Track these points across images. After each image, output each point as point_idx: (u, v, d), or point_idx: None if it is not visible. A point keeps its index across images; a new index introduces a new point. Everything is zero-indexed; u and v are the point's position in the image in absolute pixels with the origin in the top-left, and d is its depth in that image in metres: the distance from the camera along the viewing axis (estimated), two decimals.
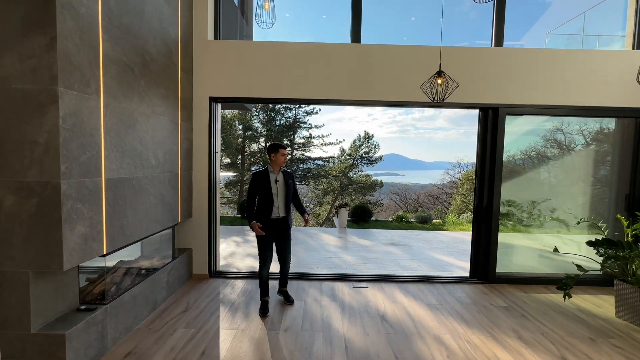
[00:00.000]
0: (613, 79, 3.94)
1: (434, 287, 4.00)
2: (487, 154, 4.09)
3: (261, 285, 3.29)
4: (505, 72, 3.96)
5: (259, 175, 3.21)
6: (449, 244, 6.57)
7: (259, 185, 3.19)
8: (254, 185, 3.22)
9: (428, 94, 3.29)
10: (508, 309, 3.42)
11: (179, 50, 3.58)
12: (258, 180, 3.19)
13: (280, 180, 3.24)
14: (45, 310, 2.16)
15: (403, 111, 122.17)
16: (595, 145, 4.42)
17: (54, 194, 2.00)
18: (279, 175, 3.24)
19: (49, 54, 1.95)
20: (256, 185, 3.20)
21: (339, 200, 21.03)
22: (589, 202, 4.40)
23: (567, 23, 5.83)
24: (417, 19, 49.08)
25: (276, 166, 3.25)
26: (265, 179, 3.19)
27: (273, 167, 3.25)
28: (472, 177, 18.89)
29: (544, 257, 4.50)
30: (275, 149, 3.23)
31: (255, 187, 3.21)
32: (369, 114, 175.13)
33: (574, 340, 2.81)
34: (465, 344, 2.71)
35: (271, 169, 3.24)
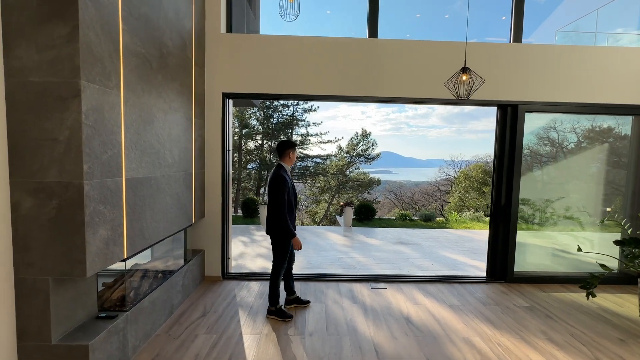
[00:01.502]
0: (631, 76, 3.92)
1: (452, 287, 3.94)
2: (505, 151, 4.04)
3: (277, 293, 3.05)
4: (524, 69, 3.90)
5: (287, 175, 2.97)
6: (457, 243, 6.54)
7: (289, 189, 2.94)
8: (285, 188, 2.86)
9: (452, 90, 3.20)
10: (532, 309, 3.37)
11: (193, 44, 3.43)
12: (287, 181, 2.93)
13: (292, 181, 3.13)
14: (65, 319, 2.03)
15: (396, 109, 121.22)
16: (609, 144, 4.40)
17: (76, 195, 1.86)
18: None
19: (70, 44, 1.81)
20: (287, 187, 2.90)
21: (337, 198, 20.99)
22: (602, 201, 4.39)
23: (577, 20, 5.81)
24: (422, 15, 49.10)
25: (289, 164, 3.08)
26: (289, 179, 3.03)
27: (289, 166, 3.07)
28: (469, 175, 19.03)
29: (557, 255, 4.48)
30: (289, 146, 3.04)
31: (286, 190, 2.88)
32: (363, 111, 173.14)
33: (604, 341, 2.77)
34: (497, 347, 2.65)
35: (287, 168, 3.07)
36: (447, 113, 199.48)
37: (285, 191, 2.88)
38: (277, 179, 2.90)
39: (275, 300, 3.06)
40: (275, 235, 3.00)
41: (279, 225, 2.91)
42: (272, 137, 20.27)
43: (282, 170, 2.98)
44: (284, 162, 3.03)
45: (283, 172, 2.95)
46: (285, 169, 3.02)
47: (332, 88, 3.86)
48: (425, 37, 36.61)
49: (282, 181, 2.87)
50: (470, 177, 18.45)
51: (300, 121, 20.37)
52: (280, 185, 2.87)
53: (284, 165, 3.03)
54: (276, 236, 3.00)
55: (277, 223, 2.93)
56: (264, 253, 5.36)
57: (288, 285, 3.31)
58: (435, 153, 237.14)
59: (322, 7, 37.35)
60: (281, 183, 2.87)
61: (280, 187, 2.86)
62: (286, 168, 3.04)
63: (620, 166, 4.36)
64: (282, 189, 2.86)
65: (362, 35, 4.04)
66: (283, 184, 2.87)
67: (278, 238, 3.00)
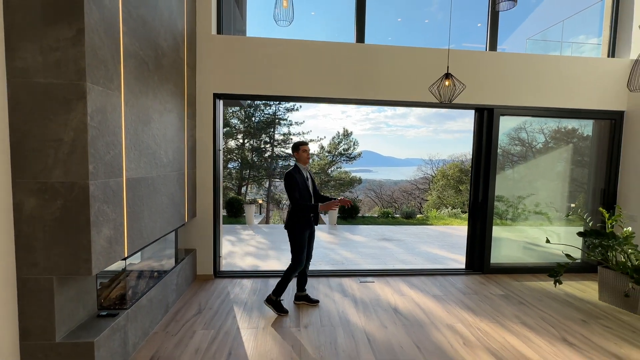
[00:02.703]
0: (591, 83, 4.32)
1: (435, 279, 4.20)
2: (482, 152, 4.34)
3: (285, 286, 3.16)
4: (499, 75, 4.20)
5: (296, 174, 3.11)
6: (437, 238, 6.87)
7: (299, 184, 3.08)
8: (295, 185, 3.04)
9: (436, 95, 3.43)
10: (507, 297, 3.67)
11: (185, 45, 3.46)
12: (296, 179, 3.08)
13: (310, 178, 3.25)
14: (68, 318, 2.05)
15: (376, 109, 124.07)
16: (573, 144, 4.82)
17: (81, 195, 1.90)
18: (307, 173, 3.24)
19: (75, 47, 1.84)
20: (297, 184, 3.06)
21: None
22: (568, 197, 4.80)
23: (544, 30, 6.28)
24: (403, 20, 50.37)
25: (303, 164, 3.21)
26: (301, 177, 3.14)
27: (303, 164, 3.21)
28: (447, 173, 19.76)
29: (528, 248, 4.85)
30: (297, 148, 3.20)
31: (297, 186, 3.06)
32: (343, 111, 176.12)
33: (570, 323, 3.09)
34: (477, 331, 2.90)
35: (302, 166, 3.21)
36: (424, 113, 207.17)
37: (295, 187, 3.05)
38: (286, 178, 3.12)
39: (280, 292, 3.17)
40: (291, 230, 3.16)
41: (295, 219, 3.11)
42: (254, 136, 20.15)
43: (293, 170, 3.15)
44: (297, 162, 3.22)
45: (292, 171, 3.13)
46: (299, 168, 3.18)
47: (321, 90, 3.99)
48: (406, 39, 37.52)
49: (288, 179, 3.08)
50: (448, 175, 19.17)
51: (283, 120, 20.39)
52: (287, 182, 3.07)
53: (298, 164, 3.21)
54: (292, 231, 3.15)
55: (292, 218, 3.12)
56: (253, 252, 5.43)
57: (300, 282, 3.42)
58: (413, 152, 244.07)
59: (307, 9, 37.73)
60: (288, 180, 3.07)
61: (288, 184, 3.07)
62: (300, 167, 3.19)
63: (583, 165, 4.79)
64: (290, 185, 3.05)
65: (345, 35, 4.21)
66: (290, 180, 3.06)
67: (293, 233, 3.15)
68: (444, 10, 3.66)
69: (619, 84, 4.31)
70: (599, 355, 2.56)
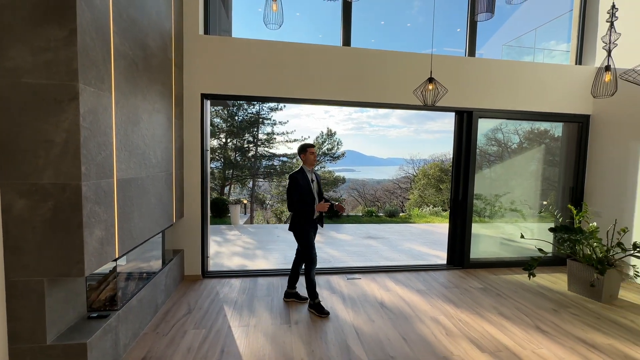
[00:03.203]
0: (561, 89, 4.62)
1: (418, 274, 4.37)
2: (462, 152, 4.55)
3: (313, 287, 3.21)
4: (478, 80, 4.42)
5: (299, 176, 3.19)
6: (420, 235, 7.11)
7: (300, 186, 3.16)
8: (297, 187, 3.14)
9: (420, 98, 3.58)
10: (485, 289, 3.89)
11: (173, 45, 3.45)
12: (299, 181, 3.16)
13: (315, 180, 3.31)
14: (58, 320, 2.04)
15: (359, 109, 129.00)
16: (545, 145, 5.14)
17: (74, 196, 1.89)
18: (313, 175, 3.31)
19: (67, 47, 1.83)
20: (297, 186, 3.15)
21: None
22: (540, 195, 5.11)
23: (519, 37, 6.63)
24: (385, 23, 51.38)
25: (309, 166, 3.28)
26: (304, 179, 3.21)
27: (308, 166, 3.28)
28: (428, 173, 20.28)
29: (504, 243, 5.13)
30: (303, 150, 3.27)
31: (297, 188, 3.15)
32: (326, 110, 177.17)
33: (542, 312, 3.32)
34: (459, 322, 3.07)
35: (307, 169, 3.27)
36: (405, 114, 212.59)
37: (295, 189, 3.15)
38: (289, 180, 3.21)
39: (313, 294, 3.22)
40: (295, 231, 3.26)
41: (297, 220, 3.20)
42: (237, 135, 19.95)
43: (298, 171, 3.23)
44: (304, 164, 3.29)
45: (295, 173, 3.22)
46: (304, 170, 3.25)
47: (309, 92, 4.07)
48: (389, 42, 38.29)
49: (291, 181, 3.20)
50: (429, 175, 19.68)
51: (266, 120, 20.29)
52: (290, 185, 3.19)
53: (304, 166, 3.27)
54: (296, 231, 3.25)
55: (294, 219, 3.22)
56: (240, 252, 5.44)
57: (291, 279, 3.49)
58: (395, 152, 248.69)
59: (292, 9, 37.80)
60: (290, 182, 3.19)
61: (289, 185, 3.19)
62: (305, 169, 3.26)
63: (554, 164, 5.10)
64: (290, 187, 3.18)
65: (329, 34, 4.31)
66: (291, 182, 3.19)
67: (298, 233, 3.24)
68: (424, 14, 3.84)
69: (585, 89, 4.63)
70: (568, 340, 2.78)
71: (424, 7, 65.65)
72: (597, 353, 2.60)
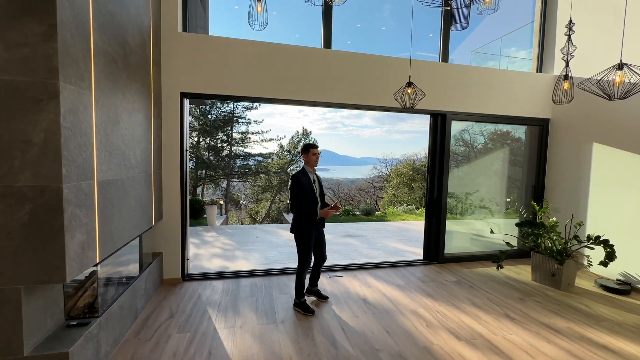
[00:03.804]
0: (524, 94, 4.99)
1: (397, 270, 4.55)
2: (437, 152, 4.78)
3: (302, 287, 3.26)
4: (450, 84, 4.66)
5: (301, 176, 3.17)
6: (396, 233, 7.35)
7: (303, 187, 3.13)
8: (299, 187, 3.11)
9: (399, 101, 3.73)
10: (459, 282, 4.12)
11: (151, 42, 3.34)
12: (301, 181, 3.15)
13: (317, 181, 3.30)
14: (36, 330, 1.94)
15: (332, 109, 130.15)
16: (508, 145, 5.53)
17: (54, 199, 1.81)
18: (314, 176, 3.28)
19: (46, 43, 1.75)
20: (301, 187, 3.12)
21: (279, 196, 21.11)
22: (506, 193, 5.49)
23: (486, 45, 7.05)
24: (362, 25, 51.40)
25: (310, 167, 3.26)
26: (307, 180, 3.18)
27: (310, 167, 3.27)
28: (401, 172, 20.90)
29: (474, 239, 5.45)
30: (306, 150, 3.25)
31: (300, 188, 3.12)
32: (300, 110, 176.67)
33: (510, 301, 3.59)
34: (437, 314, 3.25)
35: (309, 169, 3.26)
36: (378, 114, 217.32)
37: (298, 189, 3.12)
38: (291, 180, 3.19)
39: (299, 293, 3.26)
40: (296, 233, 3.22)
41: (299, 222, 3.17)
42: (210, 134, 19.47)
43: (300, 171, 3.21)
44: (305, 164, 3.26)
45: (298, 173, 3.20)
46: (306, 170, 3.23)
47: (290, 92, 4.09)
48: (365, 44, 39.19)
49: (293, 181, 3.16)
50: (402, 174, 20.29)
51: (241, 118, 19.95)
52: (292, 184, 3.16)
53: (306, 166, 3.25)
54: (297, 234, 3.21)
55: (296, 221, 3.19)
56: (219, 253, 5.35)
57: (312, 277, 3.52)
58: (368, 152, 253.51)
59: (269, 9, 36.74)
60: (292, 182, 3.16)
61: (292, 186, 3.15)
62: (307, 169, 3.24)
63: (518, 164, 5.50)
64: (293, 187, 3.14)
65: (305, 34, 4.37)
66: (294, 182, 3.15)
67: (299, 234, 3.20)
68: (395, 18, 3.99)
69: (545, 95, 5.03)
70: (533, 325, 3.04)
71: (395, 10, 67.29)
72: (558, 336, 2.87)
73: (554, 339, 2.81)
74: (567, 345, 2.72)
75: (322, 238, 3.38)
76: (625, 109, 4.02)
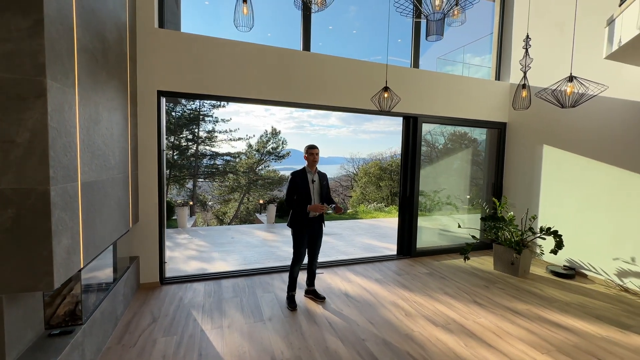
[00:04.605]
0: (485, 100, 5.45)
1: (374, 265, 4.77)
2: (409, 153, 5.07)
3: (292, 280, 3.42)
4: (421, 89, 4.97)
5: (297, 176, 3.31)
6: (368, 230, 7.63)
7: (298, 186, 3.28)
8: (293, 185, 3.30)
9: (376, 104, 3.92)
10: (431, 274, 4.43)
11: (127, 38, 3.22)
12: (297, 180, 3.29)
13: (317, 181, 3.37)
14: (17, 341, 1.83)
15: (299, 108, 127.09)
16: (466, 145, 6.00)
17: (40, 202, 1.73)
18: (315, 176, 3.37)
19: (32, 39, 1.67)
20: (295, 186, 3.30)
21: (247, 196, 20.78)
22: (469, 190, 5.95)
23: (450, 52, 7.54)
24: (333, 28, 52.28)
25: (310, 166, 3.36)
26: (303, 179, 3.30)
27: (309, 167, 3.37)
28: (369, 171, 21.51)
29: (442, 234, 5.85)
30: (305, 150, 3.39)
31: (294, 187, 3.30)
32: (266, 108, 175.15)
33: (477, 289, 3.94)
34: (414, 304, 3.48)
35: (308, 169, 3.36)
36: (344, 114, 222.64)
37: (289, 186, 3.31)
38: (289, 179, 3.37)
39: (290, 287, 3.42)
40: (291, 228, 3.42)
41: (293, 218, 3.38)
42: (174, 132, 18.68)
43: (298, 170, 3.39)
44: (306, 164, 3.40)
45: (295, 172, 3.38)
46: (305, 170, 3.37)
47: (271, 93, 4.13)
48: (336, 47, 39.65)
49: (289, 179, 3.37)
50: (370, 173, 20.88)
51: (207, 117, 19.34)
52: (288, 183, 3.38)
53: (306, 167, 3.39)
54: (292, 229, 3.42)
55: (291, 217, 3.40)
56: (196, 255, 5.23)
57: (308, 277, 3.64)
58: (335, 151, 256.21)
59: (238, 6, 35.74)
60: (289, 181, 3.37)
61: (288, 184, 3.37)
62: (306, 169, 3.38)
63: (479, 164, 5.98)
64: (288, 186, 3.36)
65: (278, 33, 4.46)
66: (289, 181, 3.36)
67: (293, 230, 3.41)
68: (360, 20, 4.18)
69: (503, 101, 5.53)
70: (497, 309, 3.38)
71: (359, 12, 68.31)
72: (519, 317, 3.22)
73: (516, 320, 3.15)
74: (527, 324, 3.07)
75: (317, 237, 3.48)
76: (571, 115, 4.56)
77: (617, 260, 4.03)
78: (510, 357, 2.54)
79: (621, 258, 3.99)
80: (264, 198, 18.46)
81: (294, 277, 3.42)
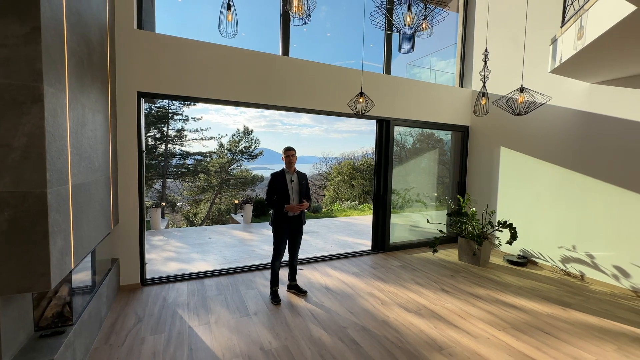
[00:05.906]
0: (450, 104, 5.91)
1: (350, 260, 5.04)
2: (382, 154, 5.40)
3: (273, 276, 3.60)
4: (393, 94, 5.31)
5: (276, 176, 3.49)
6: (344, 228, 7.92)
7: (277, 185, 3.46)
8: (272, 186, 3.49)
9: (352, 109, 4.18)
10: (403, 267, 4.78)
11: (108, 39, 3.21)
12: (276, 180, 3.47)
13: (295, 181, 3.52)
14: (11, 342, 1.86)
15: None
16: (433, 145, 6.47)
17: (37, 205, 1.78)
18: (294, 176, 3.52)
19: (29, 46, 1.71)
20: (274, 186, 3.48)
21: (219, 196, 20.41)
22: (436, 188, 6.42)
23: (419, 59, 8.02)
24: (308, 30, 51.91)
25: (288, 167, 3.52)
26: (281, 180, 3.46)
27: (287, 168, 3.53)
28: (343, 170, 21.94)
29: (412, 230, 6.26)
30: (282, 152, 3.57)
31: (274, 187, 3.48)
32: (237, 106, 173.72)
33: (444, 278, 4.33)
34: (389, 294, 3.78)
35: (286, 170, 3.52)
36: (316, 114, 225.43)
37: (270, 187, 3.49)
38: (269, 180, 3.54)
39: (273, 282, 3.61)
40: (272, 226, 3.58)
41: (274, 217, 3.55)
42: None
43: (277, 171, 3.55)
44: (284, 166, 3.58)
45: (274, 173, 3.54)
46: (284, 171, 3.55)
47: (251, 96, 4.25)
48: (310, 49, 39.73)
49: (269, 181, 3.54)
50: (343, 172, 21.31)
51: (177, 115, 18.76)
52: (268, 184, 3.54)
53: (285, 168, 3.57)
54: (272, 227, 3.57)
55: (273, 215, 3.57)
56: (174, 257, 5.21)
57: (289, 273, 3.83)
58: (308, 150, 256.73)
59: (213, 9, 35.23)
60: (268, 182, 3.54)
61: (268, 185, 3.54)
62: (285, 170, 3.56)
63: (445, 163, 6.46)
64: (268, 186, 3.54)
65: (252, 34, 4.59)
66: (268, 183, 3.54)
67: (273, 228, 3.57)
68: (332, 21, 4.43)
69: (466, 106, 6.03)
70: (462, 295, 3.77)
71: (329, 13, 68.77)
72: (481, 301, 3.62)
73: (478, 304, 3.54)
74: (487, 307, 3.47)
75: (297, 235, 3.65)
76: (523, 121, 5.11)
77: (562, 249, 4.60)
78: (473, 335, 2.90)
79: (564, 246, 4.57)
80: (237, 198, 18.23)
81: (275, 272, 3.59)
